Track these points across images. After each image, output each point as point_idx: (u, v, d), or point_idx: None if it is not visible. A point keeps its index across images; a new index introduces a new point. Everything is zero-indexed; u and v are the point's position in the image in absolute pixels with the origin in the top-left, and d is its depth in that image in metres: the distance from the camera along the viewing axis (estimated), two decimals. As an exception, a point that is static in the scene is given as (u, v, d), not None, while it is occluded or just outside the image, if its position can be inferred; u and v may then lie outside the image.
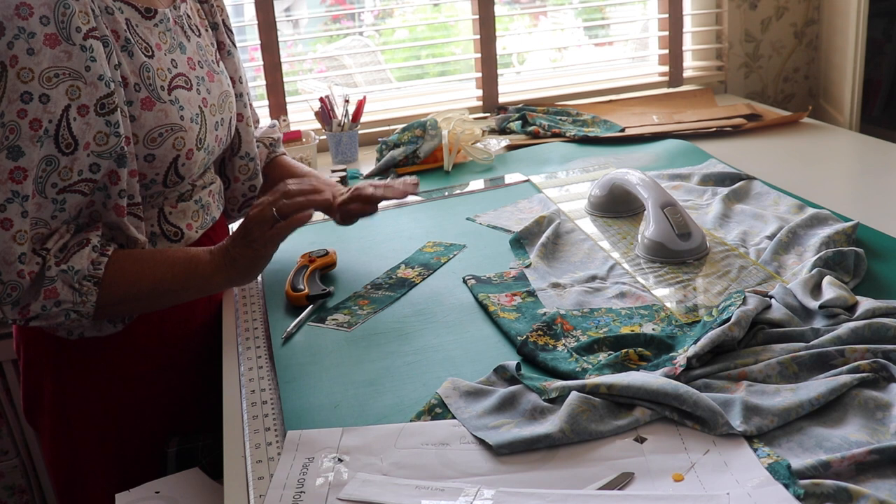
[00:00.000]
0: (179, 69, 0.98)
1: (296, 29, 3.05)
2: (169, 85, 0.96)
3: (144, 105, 0.92)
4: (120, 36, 0.91)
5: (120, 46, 0.90)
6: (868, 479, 0.65)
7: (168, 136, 0.94)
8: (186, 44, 1.02)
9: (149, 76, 0.93)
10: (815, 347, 0.81)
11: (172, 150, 0.95)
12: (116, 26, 0.90)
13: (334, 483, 0.71)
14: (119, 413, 1.04)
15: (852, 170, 1.53)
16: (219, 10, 1.13)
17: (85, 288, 0.88)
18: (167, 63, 0.97)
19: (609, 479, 0.68)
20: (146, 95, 0.92)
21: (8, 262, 0.83)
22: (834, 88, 2.10)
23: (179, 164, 0.97)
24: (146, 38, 0.95)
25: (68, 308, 0.88)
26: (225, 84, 1.08)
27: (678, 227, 1.09)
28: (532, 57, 2.23)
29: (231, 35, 1.14)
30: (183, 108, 0.97)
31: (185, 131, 0.96)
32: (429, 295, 1.07)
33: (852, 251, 1.00)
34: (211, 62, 1.06)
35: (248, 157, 1.17)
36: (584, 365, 0.85)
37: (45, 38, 0.80)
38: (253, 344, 0.98)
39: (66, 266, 0.87)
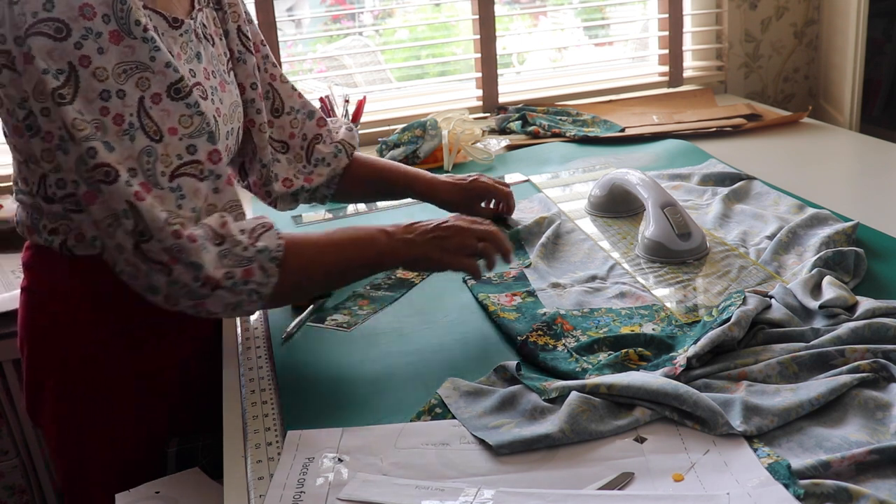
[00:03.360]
0: (197, 79, 0.99)
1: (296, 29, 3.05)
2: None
3: None
4: None
5: None
6: (868, 479, 0.65)
7: None
8: (203, 53, 1.02)
9: None
10: (815, 347, 0.81)
11: None
12: None
13: (334, 483, 0.71)
14: (120, 413, 1.04)
15: (852, 170, 1.53)
16: (233, 16, 1.12)
17: (270, 270, 0.87)
18: (186, 72, 0.97)
19: (609, 479, 0.68)
20: None
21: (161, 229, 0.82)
22: (834, 88, 2.10)
23: None
24: (170, 48, 0.95)
25: (253, 288, 0.86)
26: (234, 94, 1.08)
27: (678, 227, 1.09)
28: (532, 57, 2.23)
29: (246, 41, 1.13)
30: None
31: None
32: (429, 295, 1.07)
33: (852, 251, 1.00)
34: (223, 72, 1.07)
35: (261, 164, 1.17)
36: (584, 365, 0.85)
37: (110, 35, 0.82)
38: (253, 344, 0.98)
39: (261, 246, 0.87)
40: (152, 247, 0.82)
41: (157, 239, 0.82)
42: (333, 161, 1.22)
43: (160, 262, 0.83)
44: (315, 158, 1.21)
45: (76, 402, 1.03)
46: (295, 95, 1.21)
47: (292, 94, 1.21)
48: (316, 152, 1.22)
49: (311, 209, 1.46)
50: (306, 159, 1.22)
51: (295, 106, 1.21)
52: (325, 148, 1.22)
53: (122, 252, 0.83)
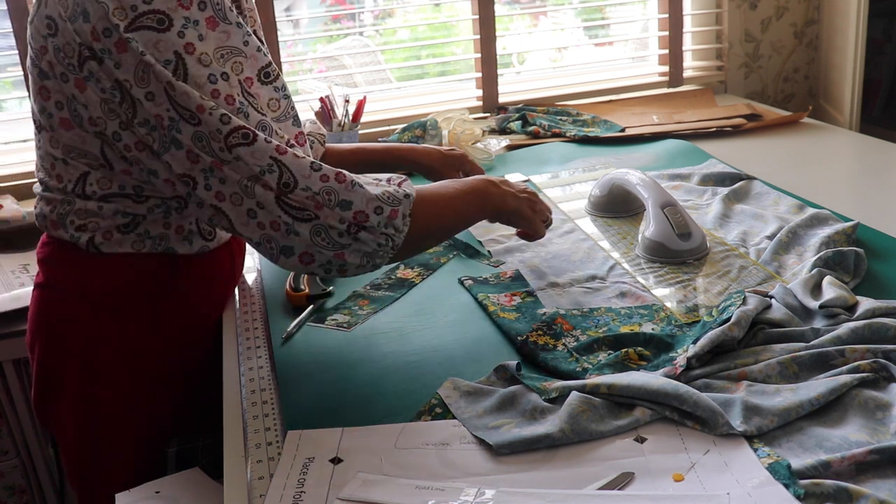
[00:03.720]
0: None
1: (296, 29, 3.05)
2: None
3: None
4: None
5: None
6: (868, 479, 0.65)
7: None
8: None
9: None
10: (815, 347, 0.81)
11: None
12: None
13: (334, 483, 0.71)
14: (124, 413, 1.04)
15: (852, 170, 1.53)
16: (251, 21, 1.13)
17: (407, 219, 0.88)
18: None
19: (609, 479, 0.68)
20: None
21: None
22: (834, 88, 2.10)
23: None
24: None
25: (391, 234, 0.87)
26: None
27: (678, 227, 1.09)
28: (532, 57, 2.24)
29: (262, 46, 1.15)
30: None
31: None
32: (429, 295, 1.07)
33: (852, 251, 1.00)
34: None
35: None
36: (585, 365, 0.85)
37: (207, 22, 0.83)
38: (253, 344, 0.98)
39: (407, 191, 0.89)
40: (297, 196, 0.83)
41: (304, 186, 0.83)
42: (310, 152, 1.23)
43: (305, 210, 0.83)
44: None
45: (92, 402, 1.03)
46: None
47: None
48: None
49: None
50: None
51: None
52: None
53: (261, 209, 0.83)
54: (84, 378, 1.02)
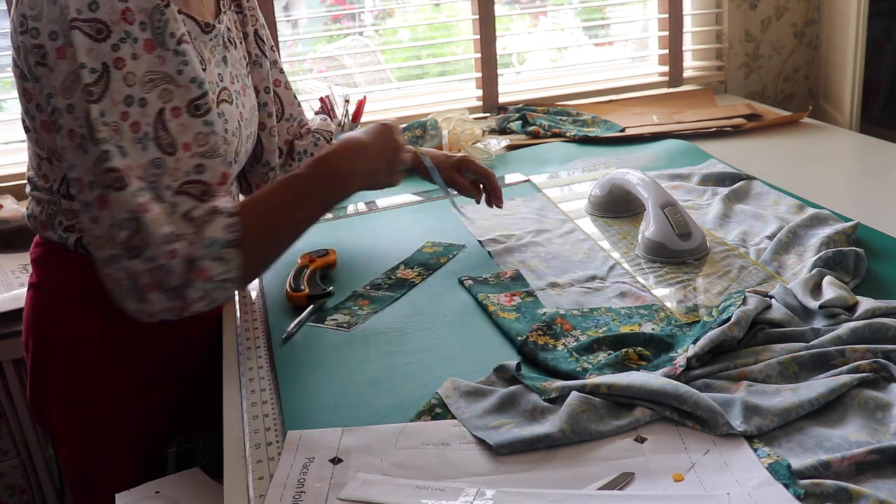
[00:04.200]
0: (224, 83, 1.00)
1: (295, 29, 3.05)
2: (217, 98, 0.97)
3: None
4: None
5: None
6: (868, 479, 0.65)
7: None
8: (230, 57, 1.03)
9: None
10: (815, 347, 0.81)
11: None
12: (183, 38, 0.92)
13: (334, 483, 0.71)
14: (122, 413, 1.04)
15: (852, 170, 1.53)
16: (252, 19, 1.13)
17: (228, 255, 0.85)
18: (215, 77, 0.98)
19: (609, 479, 0.68)
20: None
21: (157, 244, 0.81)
22: (834, 88, 2.10)
23: None
24: (201, 52, 0.96)
25: (218, 281, 0.85)
26: (253, 98, 1.09)
27: (678, 227, 1.09)
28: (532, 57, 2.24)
29: (262, 44, 1.15)
30: (227, 121, 0.98)
31: (228, 145, 0.98)
32: (429, 295, 1.07)
33: (852, 251, 1.00)
34: (244, 76, 1.07)
35: (268, 167, 1.18)
36: (585, 365, 0.85)
37: (145, 43, 0.82)
38: (253, 344, 0.98)
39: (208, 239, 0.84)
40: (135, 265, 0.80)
41: (147, 256, 0.80)
42: (314, 149, 1.25)
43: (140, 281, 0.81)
44: (297, 153, 1.24)
45: (80, 402, 1.03)
46: (295, 104, 1.25)
47: (293, 103, 1.24)
48: (296, 147, 1.24)
49: (311, 209, 1.46)
50: (291, 157, 1.25)
51: (294, 114, 1.24)
52: (302, 141, 1.25)
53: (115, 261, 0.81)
54: (70, 378, 1.02)
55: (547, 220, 1.29)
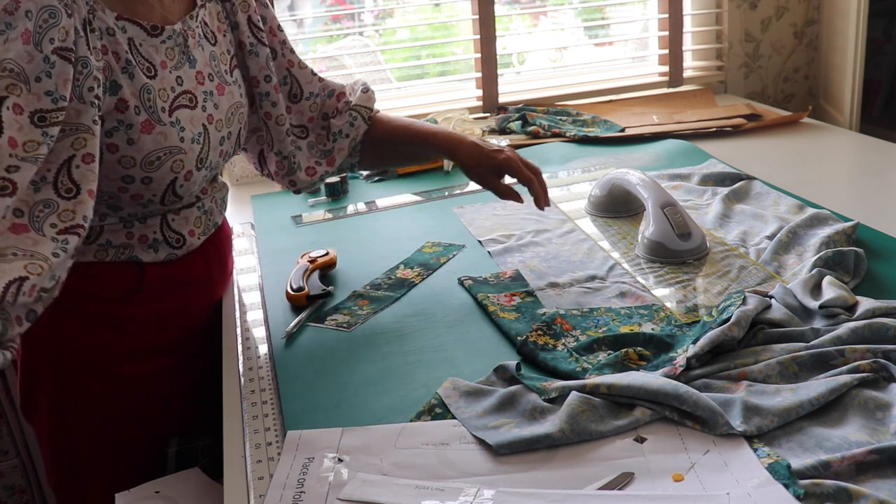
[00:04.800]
0: (185, 86, 0.96)
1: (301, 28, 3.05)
2: (171, 105, 0.93)
3: (144, 128, 0.90)
4: (121, 58, 0.88)
5: (120, 68, 0.88)
6: (868, 479, 0.65)
7: (166, 159, 0.92)
8: (198, 55, 0.99)
9: (149, 98, 0.91)
10: (815, 347, 0.81)
11: (170, 172, 0.93)
12: (117, 48, 0.88)
13: (334, 483, 0.71)
14: (119, 413, 1.04)
15: (852, 170, 1.53)
16: (242, 6, 1.07)
17: None
18: (171, 81, 0.94)
19: (609, 479, 0.68)
20: (146, 118, 0.90)
21: None
22: (834, 88, 2.10)
23: (177, 186, 0.95)
24: (150, 57, 0.92)
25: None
26: (236, 95, 1.05)
27: (678, 227, 1.09)
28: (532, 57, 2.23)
29: (258, 32, 1.08)
30: (184, 129, 0.94)
31: (185, 153, 0.94)
32: (429, 295, 1.07)
33: (852, 251, 1.00)
34: (223, 73, 1.03)
35: (281, 156, 1.13)
36: (584, 365, 0.85)
37: (24, 32, 0.78)
38: (253, 344, 0.98)
39: None
40: None
41: None
42: (351, 130, 1.17)
43: None
44: (333, 133, 1.17)
45: (69, 401, 1.03)
46: (315, 80, 1.17)
47: (312, 80, 1.16)
48: (332, 127, 1.17)
49: (311, 209, 1.46)
50: (327, 137, 1.17)
51: (314, 91, 1.16)
52: (339, 120, 1.17)
53: None
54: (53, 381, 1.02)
55: (547, 220, 1.29)
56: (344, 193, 1.52)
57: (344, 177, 1.53)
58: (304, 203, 1.49)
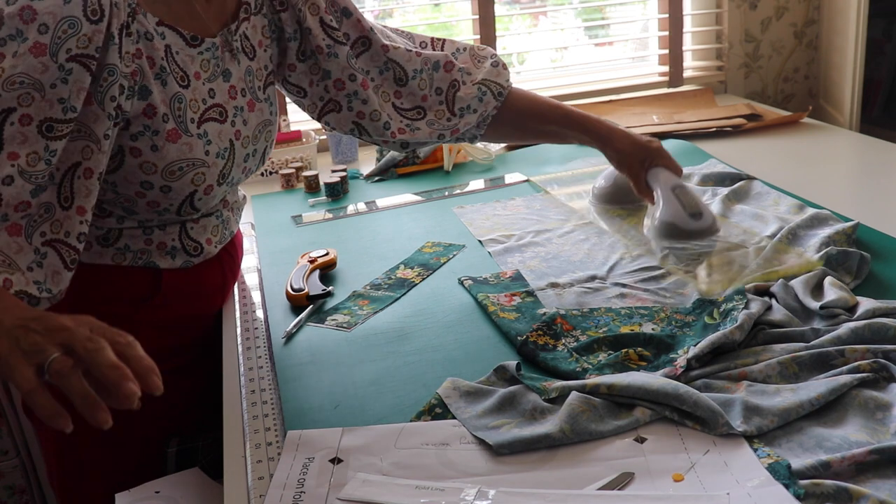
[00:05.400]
0: (217, 99, 0.95)
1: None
2: (200, 117, 0.92)
3: (170, 136, 0.89)
4: (155, 63, 0.88)
5: (153, 74, 0.87)
6: (868, 479, 0.65)
7: (188, 170, 0.91)
8: (234, 69, 0.97)
9: (179, 107, 0.90)
10: (815, 347, 0.81)
11: (191, 185, 0.92)
12: (153, 53, 0.87)
13: (334, 483, 0.71)
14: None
15: (852, 170, 1.53)
16: (311, 9, 1.04)
17: None
18: (203, 93, 0.93)
19: (609, 479, 0.68)
20: (173, 127, 0.89)
21: None
22: (834, 88, 2.10)
23: (196, 198, 0.94)
24: (185, 67, 0.91)
25: None
26: (266, 112, 1.03)
27: (689, 207, 1.09)
28: (532, 57, 2.23)
29: (333, 32, 1.06)
30: (210, 142, 0.93)
31: (208, 167, 0.93)
32: (428, 295, 1.07)
33: (858, 253, 1.00)
34: (256, 89, 1.01)
35: (387, 144, 1.13)
36: (584, 365, 0.85)
37: (34, 46, 0.77)
38: (253, 344, 0.98)
39: None
40: None
41: None
42: (479, 106, 1.14)
43: None
44: (459, 108, 1.13)
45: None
46: (413, 55, 1.12)
47: (410, 57, 1.12)
48: (458, 101, 1.13)
49: (311, 209, 1.46)
50: (450, 111, 1.13)
51: (417, 67, 1.12)
52: (466, 92, 1.13)
53: None
54: None
55: (547, 220, 1.29)
56: (344, 193, 1.52)
57: (344, 177, 1.53)
58: (304, 203, 1.49)
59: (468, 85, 1.14)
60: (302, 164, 1.67)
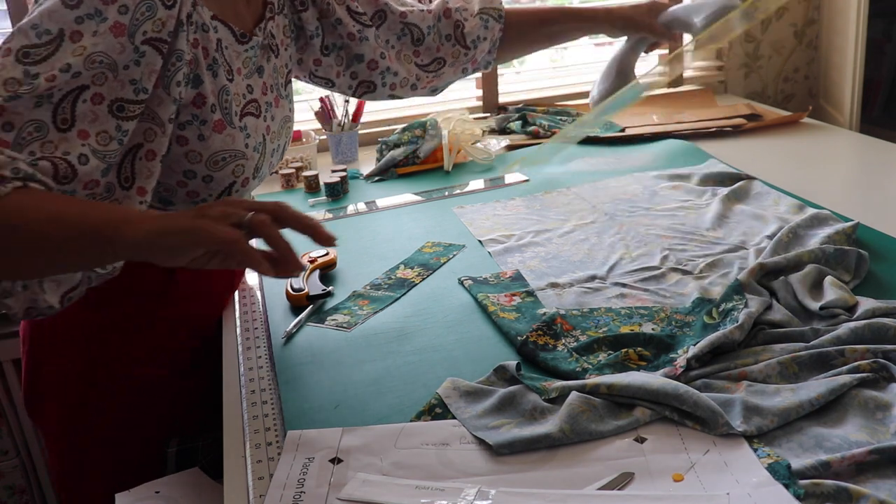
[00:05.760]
0: (253, 95, 0.98)
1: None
2: (242, 111, 0.95)
3: (216, 127, 0.91)
4: (209, 55, 0.90)
5: (206, 65, 0.90)
6: (868, 479, 0.65)
7: (230, 161, 0.93)
8: (266, 67, 1.01)
9: (226, 99, 0.92)
10: (815, 347, 0.81)
11: (231, 175, 0.94)
12: (208, 45, 0.90)
13: (334, 483, 0.71)
14: (119, 413, 1.04)
15: (852, 170, 1.53)
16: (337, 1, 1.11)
17: None
18: (243, 88, 0.96)
19: (609, 479, 0.68)
20: (220, 118, 0.91)
21: None
22: (834, 88, 2.10)
23: (233, 190, 0.96)
24: (231, 62, 0.94)
25: None
26: (286, 109, 1.07)
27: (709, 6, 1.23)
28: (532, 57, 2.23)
29: (360, 17, 1.13)
30: (249, 135, 0.96)
31: (247, 160, 0.96)
32: (429, 295, 1.07)
33: (855, 251, 1.00)
34: (280, 86, 1.05)
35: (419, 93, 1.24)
36: (584, 365, 0.85)
37: (114, 25, 0.79)
38: (253, 344, 0.98)
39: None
40: None
41: None
42: (486, 33, 1.24)
43: None
44: (470, 40, 1.23)
45: (76, 403, 1.03)
46: (425, 14, 1.21)
47: (424, 16, 1.21)
48: (467, 36, 1.23)
49: (311, 209, 1.46)
50: (464, 47, 1.23)
51: (430, 23, 1.21)
52: (471, 26, 1.23)
53: None
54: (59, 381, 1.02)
55: (547, 220, 1.29)
56: (344, 193, 1.52)
57: (344, 177, 1.53)
58: (304, 203, 1.49)
59: (470, 20, 1.24)
60: (302, 164, 1.67)
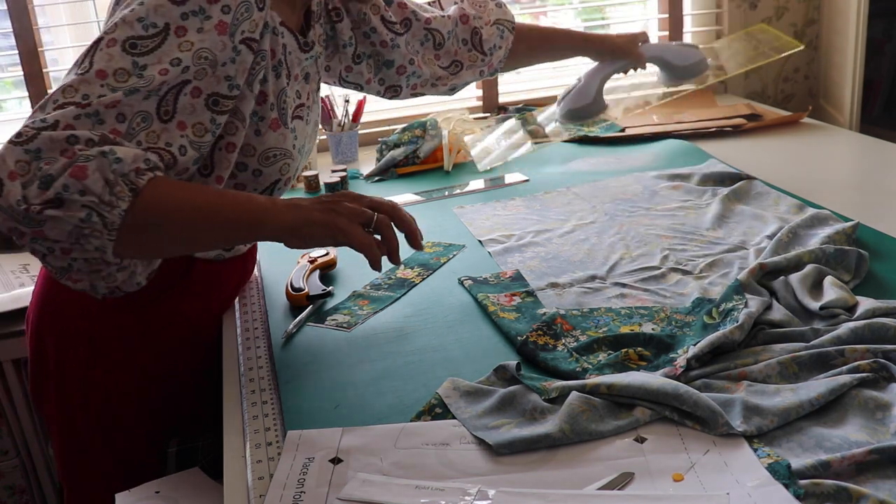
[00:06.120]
0: (301, 100, 1.02)
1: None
2: (293, 113, 0.99)
3: (272, 125, 0.95)
4: (276, 56, 0.94)
5: (272, 66, 0.93)
6: (868, 479, 0.65)
7: (280, 158, 0.97)
8: (312, 73, 1.05)
9: (284, 100, 0.97)
10: (815, 347, 0.81)
11: (278, 173, 0.98)
12: (276, 47, 0.94)
13: (334, 483, 0.71)
14: (119, 413, 1.04)
15: (852, 170, 1.53)
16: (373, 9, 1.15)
17: (118, 189, 0.75)
18: (294, 93, 1.00)
19: (609, 479, 0.68)
20: (276, 117, 0.95)
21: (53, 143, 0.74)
22: (834, 88, 2.10)
23: (277, 189, 1.00)
24: (291, 67, 0.98)
25: (92, 203, 0.74)
26: (315, 115, 1.11)
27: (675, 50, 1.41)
28: (532, 57, 2.24)
29: (392, 26, 1.18)
30: (297, 137, 1.00)
31: (293, 160, 0.99)
32: (429, 295, 1.07)
33: (855, 251, 1.00)
34: (313, 92, 1.09)
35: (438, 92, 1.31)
36: (584, 365, 0.85)
37: (218, 24, 0.83)
38: (253, 344, 0.98)
39: (107, 149, 0.75)
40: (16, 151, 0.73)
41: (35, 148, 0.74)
42: (501, 42, 1.32)
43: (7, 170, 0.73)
44: (487, 47, 1.30)
45: (78, 395, 1.03)
46: (445, 19, 1.27)
47: (445, 22, 1.26)
48: (485, 43, 1.30)
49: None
50: (481, 53, 1.30)
51: (450, 28, 1.27)
52: (488, 34, 1.30)
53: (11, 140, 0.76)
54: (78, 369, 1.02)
55: (547, 220, 1.29)
56: (344, 193, 1.52)
57: (344, 177, 1.53)
58: (304, 203, 1.49)
59: (486, 28, 1.30)
60: (302, 164, 1.67)
